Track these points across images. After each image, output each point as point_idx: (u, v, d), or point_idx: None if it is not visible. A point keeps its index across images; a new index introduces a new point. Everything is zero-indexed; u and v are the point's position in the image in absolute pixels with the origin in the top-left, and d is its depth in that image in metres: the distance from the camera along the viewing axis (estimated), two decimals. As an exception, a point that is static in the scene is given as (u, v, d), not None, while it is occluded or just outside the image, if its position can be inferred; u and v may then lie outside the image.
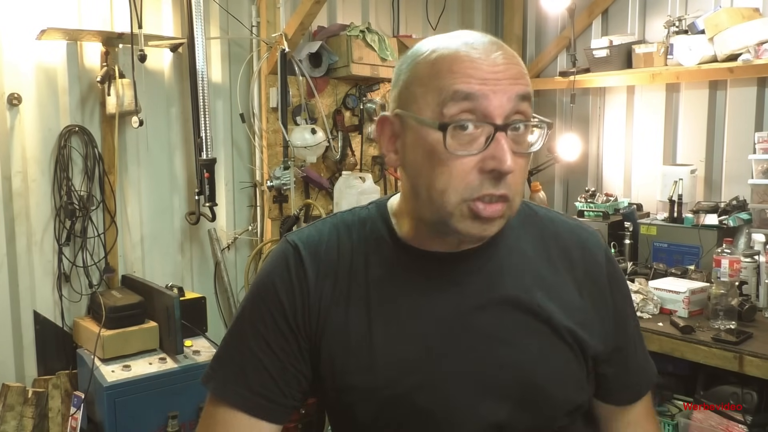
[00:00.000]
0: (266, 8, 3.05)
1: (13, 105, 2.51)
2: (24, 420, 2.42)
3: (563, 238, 0.97)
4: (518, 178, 0.84)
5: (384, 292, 0.90)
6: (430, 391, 0.87)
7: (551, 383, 0.90)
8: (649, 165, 3.50)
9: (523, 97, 0.82)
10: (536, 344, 0.90)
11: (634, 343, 1.02)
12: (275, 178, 3.03)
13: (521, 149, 0.83)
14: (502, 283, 0.91)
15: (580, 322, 0.92)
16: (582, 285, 0.94)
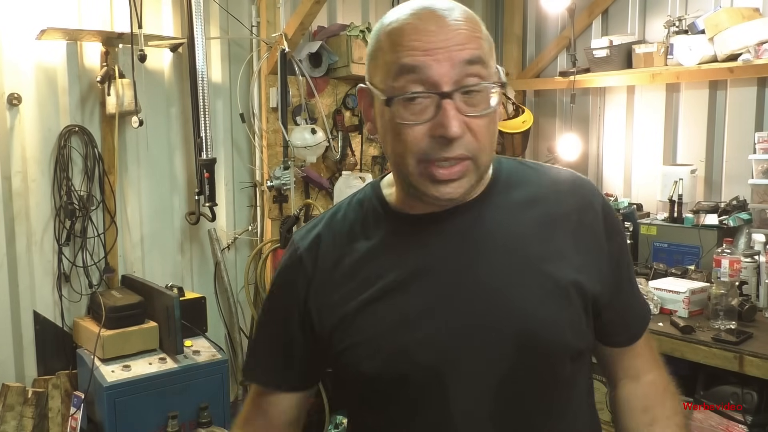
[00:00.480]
0: (266, 8, 3.05)
1: (13, 105, 2.51)
2: (24, 420, 2.42)
3: (557, 187, 0.98)
4: (480, 137, 0.86)
5: (381, 258, 0.94)
6: (430, 346, 0.90)
7: (549, 329, 0.90)
8: (649, 165, 3.50)
9: (471, 61, 0.84)
10: (531, 292, 0.91)
11: (630, 285, 1.05)
12: (275, 178, 3.03)
13: (476, 111, 0.85)
14: (492, 237, 0.93)
15: (577, 267, 0.93)
16: (577, 232, 0.95)
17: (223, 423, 2.56)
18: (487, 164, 0.90)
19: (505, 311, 0.90)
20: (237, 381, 3.13)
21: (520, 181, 0.98)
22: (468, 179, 0.87)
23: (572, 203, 0.97)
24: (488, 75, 0.86)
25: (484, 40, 0.87)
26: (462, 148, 0.85)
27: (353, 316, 0.93)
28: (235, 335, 3.15)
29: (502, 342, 0.89)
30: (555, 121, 4.01)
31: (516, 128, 3.83)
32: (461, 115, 0.84)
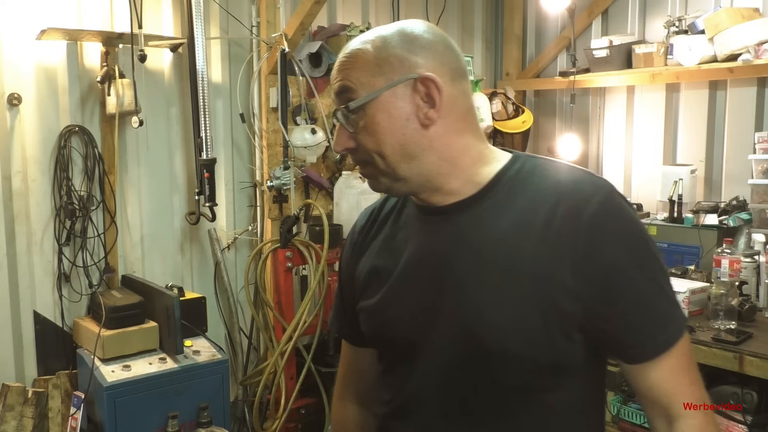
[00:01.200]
0: (266, 8, 3.05)
1: (13, 105, 2.51)
2: (24, 420, 2.42)
3: (555, 194, 0.98)
4: (368, 147, 1.01)
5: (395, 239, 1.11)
6: (408, 322, 1.05)
7: (492, 335, 0.97)
8: (649, 165, 3.50)
9: (338, 92, 1.02)
10: (491, 297, 0.97)
11: (639, 300, 0.97)
12: (275, 178, 3.03)
13: (352, 129, 1.02)
14: (476, 237, 1.00)
15: (541, 278, 0.95)
16: (554, 242, 0.95)
17: (223, 423, 2.56)
18: (389, 168, 1.01)
19: (461, 311, 1.00)
20: (237, 381, 3.13)
21: (525, 180, 1.02)
22: (379, 180, 1.04)
23: (560, 210, 0.96)
24: (356, 98, 1.00)
25: (359, 68, 1.00)
26: (357, 157, 1.04)
27: (366, 282, 1.12)
28: (235, 335, 3.15)
29: (454, 336, 1.00)
30: (555, 121, 4.01)
31: (516, 128, 3.84)
32: (347, 133, 1.02)
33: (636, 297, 0.97)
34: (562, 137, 3.84)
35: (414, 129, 0.99)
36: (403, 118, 0.99)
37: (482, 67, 4.12)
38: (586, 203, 0.96)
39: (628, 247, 0.97)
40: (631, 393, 2.49)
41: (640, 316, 0.97)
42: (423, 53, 0.99)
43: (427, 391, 1.05)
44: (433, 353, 1.03)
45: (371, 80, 0.99)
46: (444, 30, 1.08)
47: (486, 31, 4.15)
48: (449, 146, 1.01)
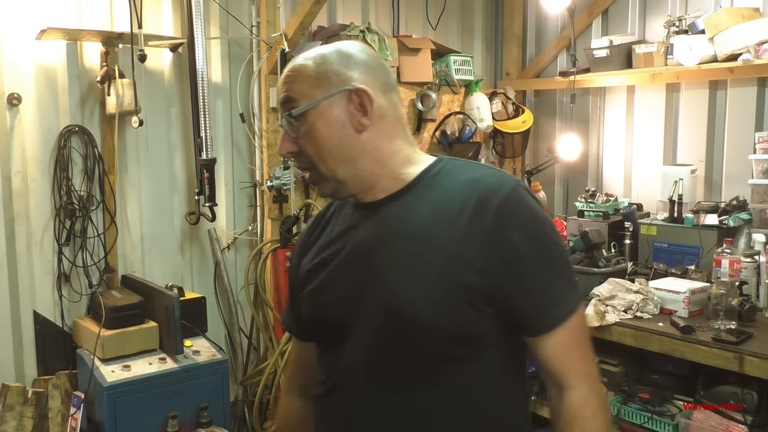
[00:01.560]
0: (266, 8, 3.05)
1: (13, 105, 2.51)
2: (24, 420, 2.42)
3: (468, 187, 1.12)
4: (309, 153, 1.14)
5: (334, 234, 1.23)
6: (339, 305, 1.17)
7: (410, 307, 1.08)
8: (649, 165, 3.50)
9: (282, 102, 1.16)
10: (408, 274, 1.10)
11: (537, 282, 1.10)
12: (275, 178, 3.03)
13: (294, 134, 1.15)
14: (397, 225, 1.14)
15: (454, 257, 1.07)
16: (465, 227, 1.08)
17: (223, 423, 2.56)
18: (330, 170, 1.14)
19: (384, 287, 1.11)
20: (237, 381, 3.13)
21: (444, 178, 1.16)
22: (322, 184, 1.17)
23: (472, 201, 1.10)
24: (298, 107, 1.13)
25: (301, 81, 1.13)
26: (300, 162, 1.18)
27: (307, 275, 1.24)
28: (235, 335, 3.15)
29: (377, 310, 1.11)
30: (555, 121, 4.01)
31: (516, 128, 3.84)
32: (291, 139, 1.15)
33: (534, 276, 1.10)
34: (562, 137, 3.84)
35: (349, 134, 1.13)
36: (339, 124, 1.12)
37: (482, 67, 4.12)
38: (495, 193, 1.09)
39: (529, 233, 1.10)
40: (631, 393, 2.49)
41: (537, 293, 1.11)
42: (357, 69, 1.14)
43: (356, 365, 1.15)
44: (361, 330, 1.14)
45: (311, 91, 1.12)
46: (444, 30, 1.11)
47: (486, 31, 4.14)
48: (380, 150, 1.15)
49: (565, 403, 1.13)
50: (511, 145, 3.88)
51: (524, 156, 4.08)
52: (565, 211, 3.85)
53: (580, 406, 1.12)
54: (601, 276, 2.74)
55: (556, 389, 1.15)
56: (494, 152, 3.92)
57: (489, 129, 3.73)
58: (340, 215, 1.25)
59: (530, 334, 1.13)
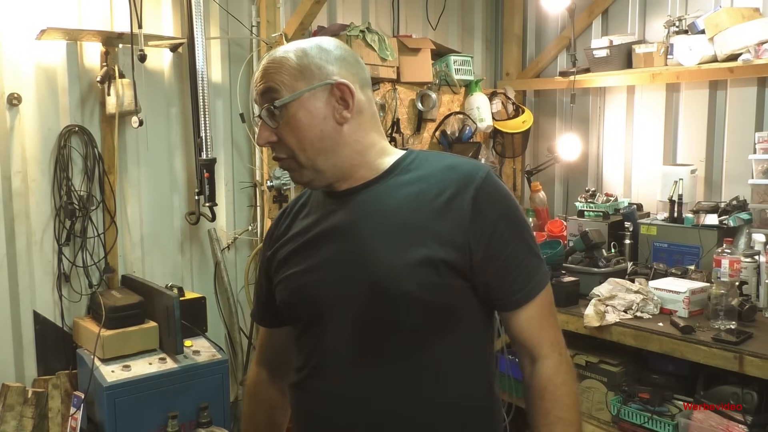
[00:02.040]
0: (266, 8, 3.05)
1: (13, 105, 2.51)
2: (24, 420, 2.42)
3: (444, 172, 1.19)
4: (288, 143, 1.18)
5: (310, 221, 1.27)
6: (319, 285, 1.20)
7: (392, 280, 1.13)
8: (649, 165, 3.50)
9: (263, 92, 1.18)
10: (389, 251, 1.15)
11: (512, 258, 1.17)
12: (275, 178, 3.03)
13: (275, 124, 1.17)
14: (375, 207, 1.19)
15: (434, 235, 1.14)
16: (444, 207, 1.15)
17: (223, 423, 2.56)
18: (309, 161, 1.18)
19: (364, 263, 1.16)
20: (237, 381, 3.13)
21: (419, 165, 1.22)
22: (299, 172, 1.21)
23: (450, 185, 1.16)
24: (280, 98, 1.16)
25: (284, 72, 1.16)
26: (278, 152, 1.21)
27: (283, 261, 1.27)
28: (235, 335, 3.15)
29: (358, 285, 1.16)
30: (555, 121, 4.01)
31: (516, 128, 3.84)
32: (270, 128, 1.18)
33: (509, 253, 1.17)
34: (562, 137, 3.84)
35: (331, 126, 1.17)
36: (321, 116, 1.16)
37: (482, 67, 4.12)
38: (472, 178, 1.17)
39: (504, 213, 1.17)
40: (631, 393, 2.49)
41: (513, 269, 1.17)
42: (337, 63, 1.18)
43: (339, 343, 1.18)
44: (343, 309, 1.17)
45: (294, 83, 1.16)
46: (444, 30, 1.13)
47: (486, 31, 4.15)
48: (359, 142, 1.20)
49: (538, 371, 1.20)
50: (511, 145, 3.89)
51: (524, 156, 4.08)
52: (565, 211, 3.85)
53: (552, 374, 1.19)
54: (601, 276, 2.74)
55: (527, 360, 1.22)
56: (494, 152, 3.91)
57: (489, 129, 3.73)
58: (313, 204, 1.29)
59: (505, 308, 1.20)
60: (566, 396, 1.19)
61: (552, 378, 1.19)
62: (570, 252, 2.90)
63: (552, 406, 1.18)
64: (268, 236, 1.36)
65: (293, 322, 1.29)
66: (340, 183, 1.22)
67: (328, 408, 1.21)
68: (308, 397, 1.25)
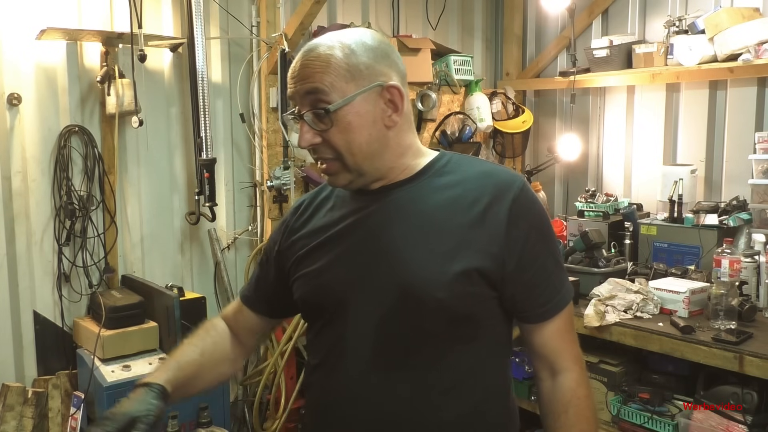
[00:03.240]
0: (266, 8, 3.05)
1: (13, 105, 2.51)
2: (24, 420, 2.42)
3: (481, 178, 1.17)
4: (335, 145, 1.12)
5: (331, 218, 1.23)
6: (342, 284, 1.17)
7: (424, 287, 1.10)
8: (649, 165, 3.50)
9: (309, 92, 1.11)
10: (421, 255, 1.12)
11: (542, 271, 1.17)
12: (275, 178, 3.03)
13: (323, 127, 1.11)
14: (406, 209, 1.16)
15: (469, 242, 1.12)
16: (481, 215, 1.13)
17: (223, 423, 2.56)
18: (355, 164, 1.13)
19: (396, 267, 1.13)
20: (237, 381, 3.13)
21: (453, 169, 1.19)
22: (342, 175, 1.15)
23: (487, 192, 1.14)
24: (329, 100, 1.10)
25: (332, 73, 1.10)
26: (322, 153, 1.14)
27: (303, 256, 1.23)
28: (235, 335, 3.15)
29: (387, 289, 1.13)
30: (555, 121, 4.01)
31: (516, 128, 3.84)
32: (314, 130, 1.12)
33: (540, 266, 1.17)
34: (562, 137, 3.84)
35: (379, 130, 1.13)
36: (371, 120, 1.12)
37: (482, 67, 4.12)
38: (509, 188, 1.15)
39: (537, 226, 1.17)
40: (631, 393, 2.49)
41: (541, 282, 1.17)
42: (384, 62, 1.14)
43: (358, 345, 1.16)
44: (367, 311, 1.15)
45: (344, 86, 1.10)
46: (444, 30, 1.13)
47: (486, 31, 4.14)
48: (400, 144, 1.18)
49: (561, 384, 1.19)
50: (511, 145, 3.89)
51: (524, 156, 4.08)
52: (565, 211, 3.85)
53: (575, 387, 1.19)
54: (601, 276, 2.74)
55: (547, 372, 1.21)
56: (494, 152, 3.91)
57: (489, 129, 3.73)
58: (338, 199, 1.25)
59: (530, 320, 1.19)
60: (588, 409, 1.20)
61: (576, 391, 1.19)
62: (570, 252, 2.90)
63: (577, 420, 1.18)
64: (283, 226, 1.32)
65: (310, 320, 1.27)
66: (375, 183, 1.19)
67: (341, 408, 1.19)
68: (322, 396, 1.24)
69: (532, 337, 1.20)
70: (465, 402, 1.15)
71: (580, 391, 1.19)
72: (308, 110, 1.11)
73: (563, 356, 1.20)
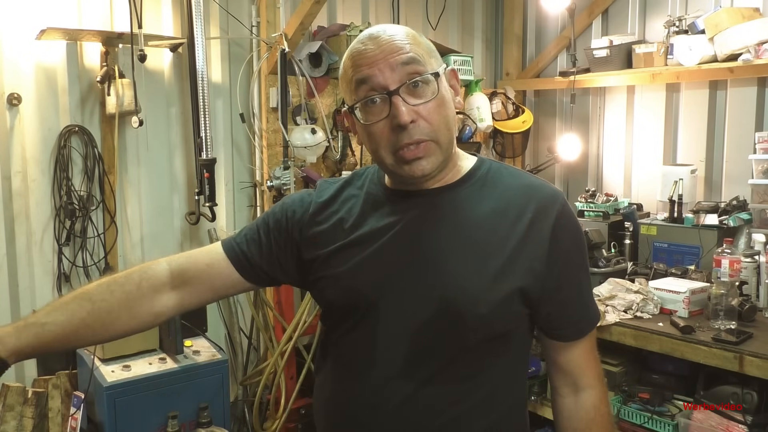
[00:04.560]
0: (266, 8, 3.05)
1: (13, 105, 2.51)
2: (24, 420, 2.42)
3: (525, 192, 1.15)
4: (432, 121, 1.06)
5: (362, 217, 1.17)
6: (374, 287, 1.12)
7: (466, 300, 1.07)
8: (649, 165, 3.50)
9: (406, 62, 1.06)
10: (465, 267, 1.09)
11: (577, 290, 1.18)
12: (275, 178, 3.03)
13: (422, 99, 1.06)
14: (449, 217, 1.12)
15: (512, 257, 1.09)
16: (525, 230, 1.11)
17: (223, 423, 2.56)
18: (447, 143, 1.09)
19: (437, 276, 1.09)
20: (237, 381, 3.13)
21: (495, 179, 1.17)
22: (434, 157, 1.08)
23: (531, 206, 1.12)
24: (426, 71, 1.06)
25: (419, 46, 1.08)
26: (418, 134, 1.06)
27: (329, 254, 1.17)
28: (235, 335, 3.15)
29: (427, 298, 1.09)
30: (555, 121, 4.01)
31: (516, 128, 3.84)
32: (410, 106, 1.05)
33: (575, 286, 1.17)
34: (562, 137, 3.84)
35: (453, 111, 1.12)
36: (450, 98, 1.12)
37: (482, 67, 4.12)
38: (552, 203, 1.14)
39: (577, 245, 1.17)
40: (631, 393, 2.49)
41: (575, 303, 1.18)
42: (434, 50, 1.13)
43: (390, 352, 1.12)
44: (401, 317, 1.11)
45: (430, 60, 1.09)
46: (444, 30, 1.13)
47: (486, 31, 4.14)
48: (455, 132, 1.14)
49: (584, 401, 1.20)
50: (511, 145, 3.89)
51: (524, 156, 4.08)
52: (565, 211, 3.84)
53: (598, 404, 1.21)
54: (601, 276, 2.74)
55: (569, 389, 1.22)
56: (494, 152, 3.92)
57: (489, 129, 3.73)
58: (368, 198, 1.19)
59: (564, 339, 1.20)
60: (609, 424, 1.22)
61: (599, 408, 1.21)
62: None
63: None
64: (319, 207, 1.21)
65: (334, 322, 1.20)
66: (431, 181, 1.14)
67: (363, 414, 1.15)
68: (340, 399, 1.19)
69: (558, 353, 1.21)
70: (489, 416, 1.15)
71: (603, 409, 1.21)
72: (407, 82, 1.05)
73: (588, 374, 1.21)
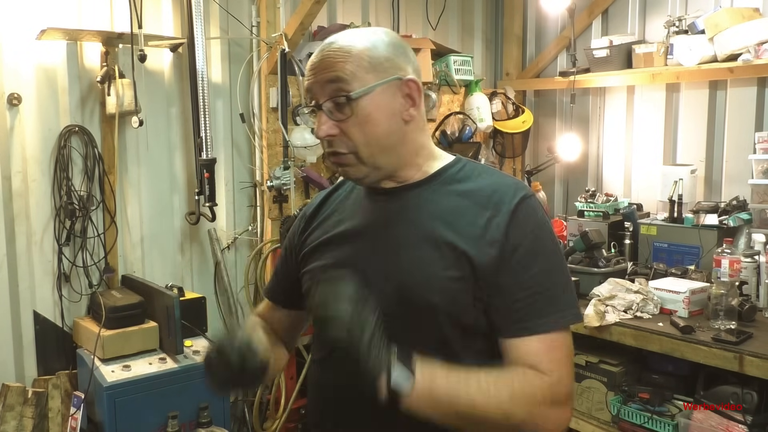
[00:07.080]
0: (266, 8, 3.05)
1: (13, 105, 2.51)
2: (24, 420, 2.42)
3: (489, 189, 1.16)
4: (353, 137, 1.12)
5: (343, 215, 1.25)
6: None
7: (422, 289, 1.11)
8: (649, 165, 3.50)
9: (331, 80, 1.11)
10: (422, 258, 1.12)
11: (528, 282, 1.10)
12: (275, 178, 3.03)
13: (344, 116, 1.11)
14: (413, 212, 1.17)
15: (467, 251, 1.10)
16: (484, 225, 1.12)
17: (223, 423, 2.56)
18: (371, 157, 1.13)
19: (398, 268, 1.14)
20: (237, 381, 3.12)
21: (466, 178, 1.19)
22: (356, 168, 1.15)
23: (492, 202, 1.13)
24: (350, 89, 1.10)
25: (356, 63, 1.10)
26: (337, 146, 1.13)
27: (311, 251, 1.26)
28: (235, 335, 3.15)
29: (389, 291, 1.13)
30: (555, 121, 4.01)
31: (516, 128, 3.84)
32: (332, 121, 1.11)
33: (524, 280, 1.10)
34: (562, 137, 3.84)
35: (396, 124, 1.14)
36: (389, 113, 1.13)
37: (482, 67, 4.12)
38: (510, 198, 1.14)
39: (531, 238, 1.12)
40: (631, 393, 2.49)
41: (531, 305, 1.09)
42: (402, 57, 1.15)
43: None
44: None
45: (364, 76, 1.10)
46: (444, 30, 1.13)
47: (486, 31, 4.15)
48: (415, 141, 1.18)
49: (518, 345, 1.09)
50: (511, 145, 3.89)
51: (524, 156, 4.08)
52: (565, 211, 3.85)
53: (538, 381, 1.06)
54: (601, 276, 2.74)
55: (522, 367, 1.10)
56: (494, 152, 3.92)
57: (489, 129, 3.73)
58: (352, 197, 1.27)
59: (498, 332, 1.12)
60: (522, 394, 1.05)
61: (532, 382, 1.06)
62: (570, 252, 2.90)
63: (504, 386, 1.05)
64: (303, 215, 1.34)
65: None
66: (386, 181, 1.19)
67: (340, 405, 1.21)
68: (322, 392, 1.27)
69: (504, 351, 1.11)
70: None
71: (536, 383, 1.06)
72: (328, 99, 1.11)
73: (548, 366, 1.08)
